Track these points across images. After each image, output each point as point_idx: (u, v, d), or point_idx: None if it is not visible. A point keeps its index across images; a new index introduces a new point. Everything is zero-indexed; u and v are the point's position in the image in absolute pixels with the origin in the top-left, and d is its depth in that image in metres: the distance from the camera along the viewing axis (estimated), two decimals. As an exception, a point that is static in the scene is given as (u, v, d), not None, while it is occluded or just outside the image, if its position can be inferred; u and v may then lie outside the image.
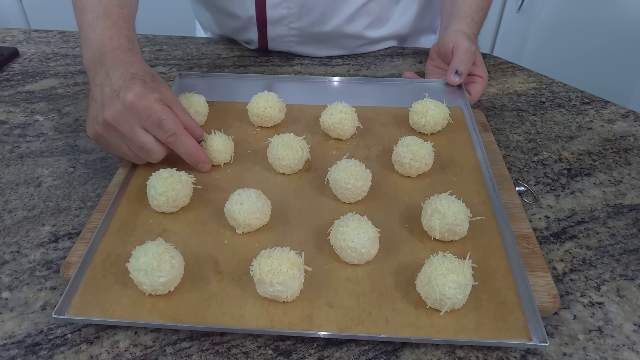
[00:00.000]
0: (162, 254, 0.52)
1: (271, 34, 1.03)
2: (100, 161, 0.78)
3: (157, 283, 0.51)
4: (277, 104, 0.75)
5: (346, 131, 0.73)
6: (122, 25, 0.73)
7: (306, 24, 1.01)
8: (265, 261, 0.53)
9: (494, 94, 0.97)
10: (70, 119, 0.87)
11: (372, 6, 1.03)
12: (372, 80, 0.90)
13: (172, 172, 0.64)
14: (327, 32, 1.03)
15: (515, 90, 0.99)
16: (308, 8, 0.99)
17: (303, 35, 1.03)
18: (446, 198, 0.61)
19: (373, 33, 1.07)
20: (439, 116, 0.76)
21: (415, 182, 0.69)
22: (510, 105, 0.94)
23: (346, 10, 1.01)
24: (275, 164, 0.68)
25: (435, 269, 0.53)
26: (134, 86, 0.62)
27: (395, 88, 0.88)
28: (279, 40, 1.05)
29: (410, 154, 0.68)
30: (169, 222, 0.62)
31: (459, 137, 0.78)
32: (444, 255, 0.54)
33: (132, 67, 0.65)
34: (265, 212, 0.62)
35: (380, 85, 0.89)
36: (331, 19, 1.01)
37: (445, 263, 0.53)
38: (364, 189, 0.65)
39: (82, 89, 0.97)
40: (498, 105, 0.94)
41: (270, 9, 0.98)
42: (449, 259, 0.54)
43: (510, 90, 0.99)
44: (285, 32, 1.03)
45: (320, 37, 1.04)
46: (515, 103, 0.95)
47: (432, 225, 0.60)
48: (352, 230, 0.57)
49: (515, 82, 1.02)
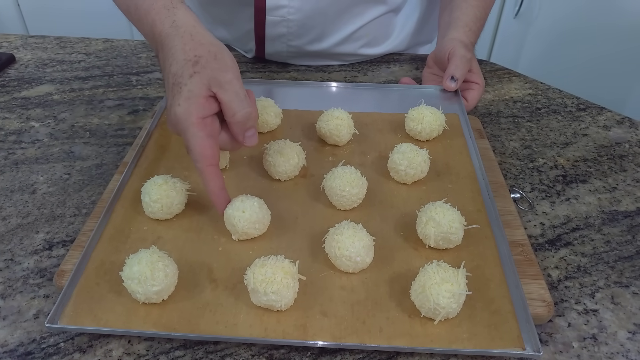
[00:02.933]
0: (155, 263, 0.52)
1: (269, 49, 1.03)
2: (95, 168, 0.77)
3: (151, 292, 0.51)
4: (273, 109, 0.75)
5: (342, 137, 0.73)
6: None
7: (304, 42, 1.02)
8: (259, 270, 0.53)
9: (489, 101, 0.97)
10: (65, 125, 0.86)
11: (371, 27, 1.04)
12: (368, 86, 0.91)
13: (166, 178, 0.64)
14: (324, 50, 1.03)
15: (512, 97, 0.99)
16: (307, 27, 0.99)
17: (301, 51, 1.03)
18: (441, 206, 0.61)
19: (370, 51, 1.08)
20: (434, 123, 0.76)
21: (411, 189, 0.68)
22: (506, 111, 0.94)
23: (345, 30, 1.01)
24: (271, 170, 0.67)
25: (429, 278, 0.53)
26: (181, 94, 0.57)
27: (391, 94, 0.88)
28: (276, 55, 1.05)
29: (406, 161, 0.68)
30: (164, 229, 0.61)
31: (455, 143, 0.78)
32: (439, 264, 0.54)
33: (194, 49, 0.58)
34: (264, 224, 0.61)
35: (376, 91, 0.89)
36: (329, 38, 1.02)
37: (440, 272, 0.53)
38: (360, 197, 0.65)
39: (78, 95, 0.96)
40: (494, 112, 0.94)
41: (269, 27, 0.98)
42: (444, 268, 0.54)
43: (507, 97, 0.99)
44: (284, 49, 1.03)
45: (317, 54, 1.04)
46: (511, 109, 0.95)
47: (426, 234, 0.60)
48: (346, 238, 0.56)
49: (511, 88, 1.02)
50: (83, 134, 0.84)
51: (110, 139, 0.83)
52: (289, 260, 0.54)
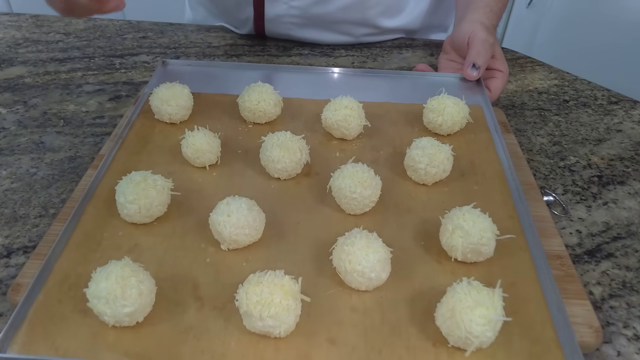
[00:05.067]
0: (127, 278, 0.44)
1: (269, 13, 0.92)
2: (68, 161, 0.69)
3: (122, 313, 0.44)
4: (272, 97, 0.68)
5: (352, 130, 0.65)
6: None
7: (308, 3, 0.91)
8: (254, 289, 0.44)
9: (512, 91, 0.89)
10: (37, 112, 0.79)
11: None
12: (380, 73, 0.83)
13: (145, 175, 0.55)
14: (331, 14, 0.93)
15: (536, 88, 0.90)
16: None
17: (304, 16, 0.92)
18: (470, 212, 0.52)
19: (384, 22, 0.97)
20: (457, 115, 0.67)
21: (431, 190, 0.61)
22: (531, 103, 0.86)
23: None
24: (269, 167, 0.60)
25: (459, 300, 0.44)
26: None
27: (406, 82, 0.80)
28: (276, 22, 0.94)
29: (427, 158, 0.59)
30: (142, 234, 0.54)
31: (480, 139, 0.69)
32: (470, 283, 0.45)
33: None
34: (256, 228, 0.52)
35: (389, 78, 0.81)
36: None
37: (472, 293, 0.44)
38: (373, 199, 0.56)
39: (53, 78, 0.88)
40: (518, 104, 0.86)
41: None
42: (476, 288, 0.45)
43: (530, 88, 0.91)
44: (285, 12, 0.92)
45: (323, 20, 0.94)
46: (536, 101, 0.87)
47: (453, 245, 0.51)
48: (359, 250, 0.48)
49: (535, 78, 0.93)
50: (56, 122, 0.77)
51: (87, 129, 0.76)
52: (290, 277, 0.46)
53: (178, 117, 0.68)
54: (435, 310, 0.47)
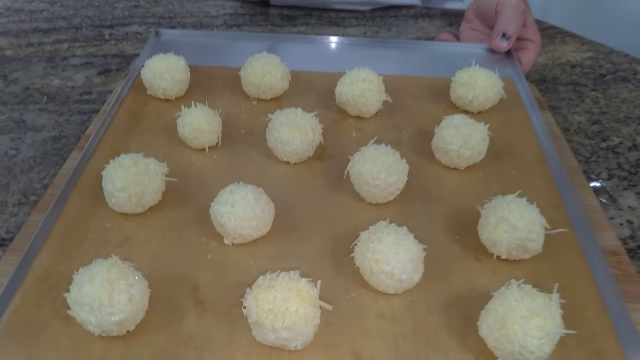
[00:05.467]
0: (115, 281, 0.39)
1: None
2: (52, 141, 0.65)
3: (109, 322, 0.39)
4: (279, 69, 0.62)
5: (370, 106, 0.59)
6: None
7: None
8: (265, 295, 0.38)
9: (542, 65, 0.82)
10: (18, 87, 0.74)
11: None
12: (398, 43, 0.78)
13: (136, 159, 0.49)
14: None
15: (568, 61, 0.83)
16: None
17: None
18: (516, 202, 0.45)
19: None
20: (490, 89, 0.60)
21: (464, 176, 0.55)
22: (564, 78, 0.79)
23: None
24: (277, 149, 0.55)
25: (511, 308, 0.38)
26: None
27: (427, 53, 0.74)
28: None
29: (460, 138, 0.52)
30: (133, 227, 0.49)
31: (514, 116, 0.63)
32: (521, 288, 0.39)
33: None
34: (264, 220, 0.46)
35: (408, 49, 0.75)
36: None
37: (525, 300, 0.38)
38: (398, 186, 0.49)
39: (37, 50, 0.83)
40: (549, 78, 0.79)
41: None
42: (530, 294, 0.38)
43: (562, 61, 0.83)
44: None
45: None
46: (569, 76, 0.79)
47: (496, 240, 0.44)
48: (387, 247, 0.41)
49: (566, 50, 0.86)
50: (39, 99, 0.72)
51: (74, 105, 0.71)
52: (306, 280, 0.39)
53: (173, 92, 0.63)
54: (479, 319, 0.40)
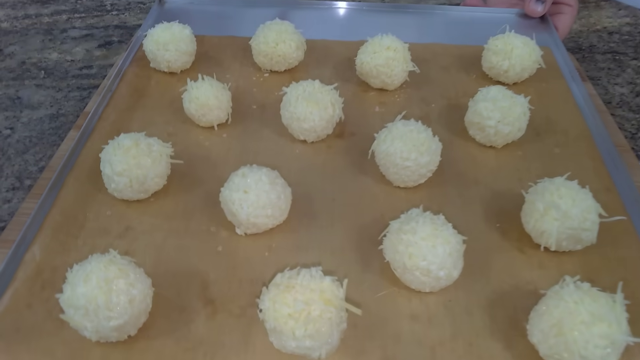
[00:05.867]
0: (113, 281, 0.35)
1: None
2: (49, 120, 0.61)
3: (107, 327, 0.35)
4: (293, 37, 0.59)
5: (395, 77, 0.55)
6: None
7: None
8: (284, 297, 0.33)
9: (576, 31, 0.78)
10: (14, 62, 0.71)
11: None
12: (421, 9, 0.73)
13: (137, 139, 0.45)
14: None
15: (605, 27, 0.78)
16: None
17: None
18: (566, 186, 0.40)
19: None
20: (528, 58, 0.55)
21: (501, 154, 0.51)
22: (602, 46, 0.74)
23: None
24: (292, 127, 0.51)
25: (569, 312, 0.33)
26: None
27: (453, 20, 0.70)
28: None
29: (499, 112, 0.47)
30: (135, 215, 0.46)
31: (554, 88, 0.58)
32: (578, 287, 0.34)
33: None
34: (280, 207, 0.42)
35: (433, 15, 0.72)
36: None
37: (585, 302, 0.33)
38: (431, 168, 0.45)
39: (34, 22, 0.81)
40: (585, 46, 0.74)
41: None
42: (590, 295, 0.34)
43: (598, 27, 0.78)
44: None
45: None
46: (607, 43, 0.74)
47: (545, 229, 0.40)
48: (423, 240, 0.37)
49: (602, 16, 0.80)
50: (36, 74, 0.70)
51: (72, 81, 0.68)
52: (331, 279, 0.35)
53: (178, 64, 0.60)
54: (528, 321, 0.36)
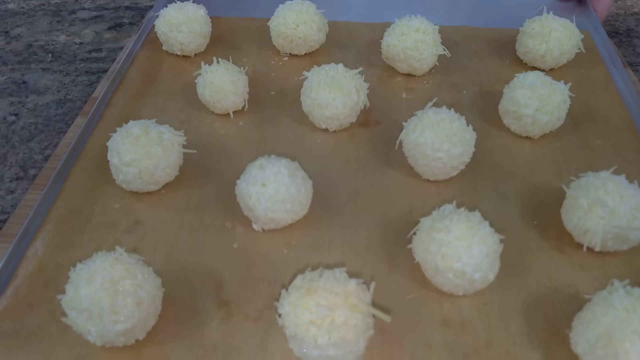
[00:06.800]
0: (119, 281, 0.33)
1: None
2: (56, 105, 0.59)
3: (112, 332, 0.33)
4: (315, 18, 0.56)
5: (423, 62, 0.53)
6: None
7: None
8: (305, 301, 0.31)
9: (613, 15, 0.75)
10: (20, 44, 0.69)
11: None
12: None
13: (147, 126, 0.43)
14: None
15: None
16: None
17: None
18: (613, 181, 0.38)
19: None
20: (567, 42, 0.52)
21: (538, 146, 0.48)
22: (639, 29, 0.68)
23: None
24: (314, 114, 0.49)
25: (619, 321, 0.31)
26: None
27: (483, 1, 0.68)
28: None
29: (537, 100, 0.44)
30: (145, 208, 0.44)
31: (594, 75, 0.55)
32: (629, 293, 0.32)
33: None
34: (301, 202, 0.39)
35: None
36: None
37: (639, 310, 0.30)
38: (464, 160, 0.42)
39: (42, 3, 0.79)
40: (622, 30, 0.71)
41: None
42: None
43: (636, 10, 0.76)
44: None
45: None
46: None
47: (588, 228, 0.37)
48: (457, 240, 0.34)
49: (639, -3, 0.75)
50: (43, 57, 0.67)
51: (81, 64, 0.66)
52: (357, 281, 0.32)
53: (192, 47, 0.58)
54: (572, 329, 0.33)
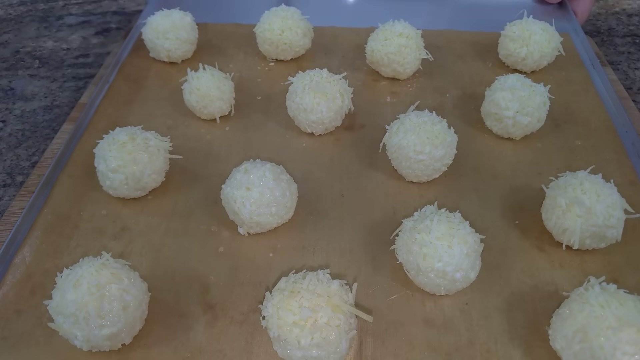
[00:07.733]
0: (105, 286, 0.34)
1: None
2: (43, 111, 0.59)
3: (99, 336, 0.33)
4: (300, 24, 0.57)
5: (407, 66, 0.53)
6: None
7: None
8: (288, 303, 0.32)
9: (595, 14, 0.76)
10: (7, 51, 0.69)
11: None
12: None
13: (133, 133, 0.43)
14: None
15: (624, 9, 0.76)
16: None
17: None
18: (590, 181, 0.38)
19: None
20: (547, 45, 0.53)
21: (519, 147, 0.48)
22: (621, 29, 0.72)
23: None
24: (299, 119, 0.49)
25: (595, 317, 0.31)
26: None
27: (465, 5, 0.68)
28: None
29: (517, 102, 0.45)
30: (131, 214, 0.44)
31: (574, 77, 0.56)
32: (604, 289, 0.32)
33: None
34: (286, 205, 0.40)
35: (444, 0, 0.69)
36: None
37: (613, 306, 0.32)
38: (446, 162, 0.42)
39: (29, 9, 0.78)
40: (604, 30, 0.71)
41: None
42: (617, 297, 0.32)
43: (617, 9, 0.76)
44: None
45: None
46: (626, 26, 0.73)
47: (567, 227, 0.38)
48: (438, 240, 0.35)
49: (620, -2, 0.76)
50: (30, 63, 0.67)
51: (68, 70, 0.66)
52: (339, 282, 0.33)
53: (179, 53, 0.58)
54: (551, 326, 0.34)
